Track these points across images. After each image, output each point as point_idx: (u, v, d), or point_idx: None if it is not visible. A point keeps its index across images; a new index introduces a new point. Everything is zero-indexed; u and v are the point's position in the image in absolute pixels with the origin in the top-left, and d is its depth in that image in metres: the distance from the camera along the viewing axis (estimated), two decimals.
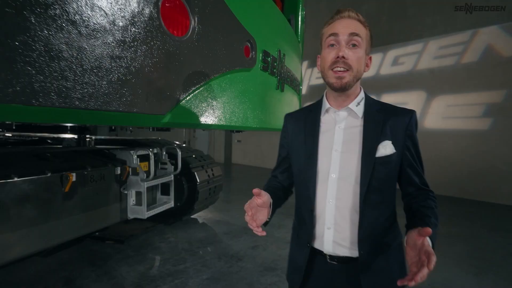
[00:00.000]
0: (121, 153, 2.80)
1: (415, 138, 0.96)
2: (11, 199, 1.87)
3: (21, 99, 0.66)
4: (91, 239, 3.46)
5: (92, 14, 0.77)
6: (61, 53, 0.72)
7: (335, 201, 0.95)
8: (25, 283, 2.55)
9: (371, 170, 0.91)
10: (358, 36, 0.90)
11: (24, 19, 0.66)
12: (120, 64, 0.84)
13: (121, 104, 0.85)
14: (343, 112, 0.98)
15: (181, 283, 2.62)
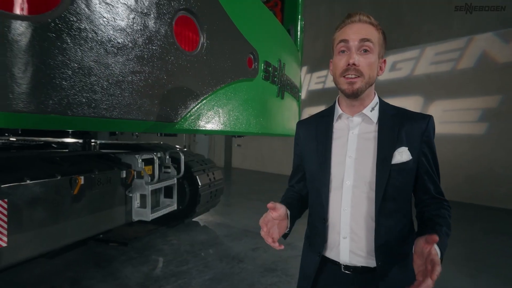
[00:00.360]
0: (126, 157, 2.90)
1: (432, 145, 0.94)
2: (24, 201, 1.97)
3: (59, 110, 0.76)
4: (95, 241, 3.54)
5: (117, 35, 0.88)
6: (90, 70, 0.83)
7: (350, 209, 0.93)
8: (32, 283, 2.63)
9: (387, 177, 0.89)
10: (369, 42, 0.88)
11: (62, 41, 0.77)
12: (140, 77, 0.95)
13: (140, 113, 0.96)
14: (357, 118, 0.95)
15: (184, 283, 2.70)
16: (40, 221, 2.06)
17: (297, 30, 2.61)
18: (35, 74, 0.74)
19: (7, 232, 1.86)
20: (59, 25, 0.77)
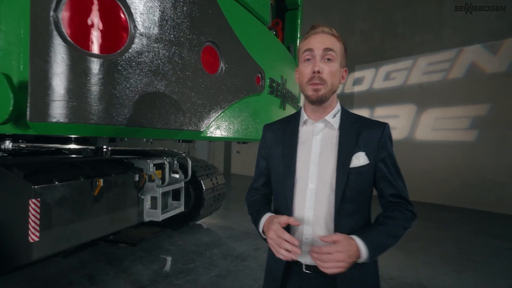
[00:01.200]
0: (138, 162, 3.15)
1: (389, 150, 1.00)
2: (53, 200, 2.21)
3: (124, 123, 1.03)
4: (105, 242, 3.77)
5: (162, 65, 1.15)
6: (144, 92, 1.10)
7: (312, 211, 0.97)
8: (52, 279, 2.85)
9: (345, 180, 0.94)
10: (332, 51, 0.95)
11: (125, 72, 1.05)
12: (176, 96, 1.22)
13: (176, 123, 1.22)
14: (320, 123, 1.01)
15: (193, 279, 2.94)
16: (66, 218, 2.31)
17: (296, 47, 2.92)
18: (107, 96, 1.01)
19: (40, 228, 2.10)
20: (122, 60, 1.05)
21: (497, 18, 6.15)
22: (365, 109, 7.97)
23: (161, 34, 1.14)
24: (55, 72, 0.94)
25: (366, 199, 1.00)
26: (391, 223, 0.94)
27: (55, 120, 0.95)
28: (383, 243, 0.92)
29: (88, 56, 0.97)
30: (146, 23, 1.08)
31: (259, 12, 1.83)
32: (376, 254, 0.91)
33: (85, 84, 0.97)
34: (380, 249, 0.92)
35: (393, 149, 1.01)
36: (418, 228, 4.88)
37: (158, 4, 1.12)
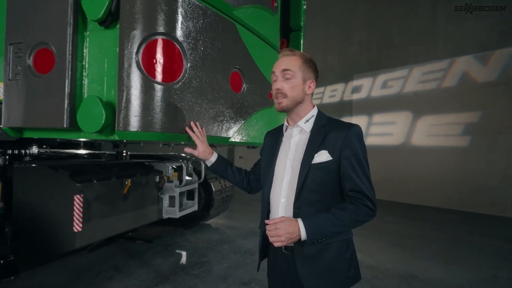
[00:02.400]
0: (158, 165, 3.55)
1: (354, 149, 1.12)
2: (92, 196, 2.60)
3: (179, 131, 1.44)
4: (124, 239, 4.14)
5: (204, 87, 1.56)
6: (193, 108, 1.51)
7: (285, 199, 1.18)
8: (82, 270, 3.22)
9: (305, 174, 1.13)
10: (289, 70, 1.15)
11: (181, 94, 1.46)
12: (213, 110, 1.63)
13: (213, 131, 1.63)
14: (296, 128, 1.23)
15: (207, 270, 3.31)
16: (102, 212, 2.69)
17: None
18: (169, 111, 1.42)
19: (82, 220, 2.48)
20: (179, 87, 1.46)
21: (487, 30, 6.61)
22: (364, 116, 8.39)
23: (204, 66, 1.56)
24: (134, 95, 1.35)
25: (329, 191, 1.15)
26: (338, 213, 1.08)
27: (134, 129, 1.35)
28: (324, 228, 1.07)
29: (156, 84, 1.38)
30: (194, 60, 1.50)
31: (271, 40, 2.26)
32: (316, 236, 1.07)
33: (154, 103, 1.38)
34: (320, 233, 1.07)
35: (360, 148, 1.13)
36: (413, 229, 5.26)
37: (201, 44, 1.54)
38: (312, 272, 1.13)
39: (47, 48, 1.44)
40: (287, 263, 1.20)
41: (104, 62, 1.43)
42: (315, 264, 1.13)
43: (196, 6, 1.52)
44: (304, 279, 1.13)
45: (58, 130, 1.47)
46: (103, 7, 1.34)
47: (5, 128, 1.55)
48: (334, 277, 1.15)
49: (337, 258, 1.15)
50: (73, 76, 1.41)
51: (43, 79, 1.44)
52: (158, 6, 1.38)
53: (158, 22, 1.38)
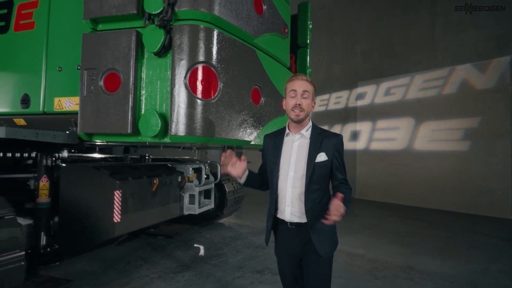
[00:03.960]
0: (180, 167, 4.00)
1: (340, 152, 1.61)
2: (128, 192, 3.05)
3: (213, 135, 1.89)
4: (146, 235, 4.58)
5: (232, 101, 2.02)
6: (224, 117, 1.96)
7: (291, 189, 1.57)
8: (113, 260, 3.66)
9: (311, 170, 1.54)
10: (308, 92, 1.57)
11: (217, 108, 1.91)
12: (239, 119, 2.08)
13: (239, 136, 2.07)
14: (297, 135, 1.62)
15: (224, 261, 3.73)
16: (136, 206, 3.15)
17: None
18: (207, 120, 1.88)
19: (121, 212, 2.93)
20: (215, 102, 1.92)
21: (483, 40, 7.01)
22: (368, 121, 8.79)
23: (232, 84, 2.02)
24: (182, 108, 1.81)
25: (325, 183, 1.62)
26: (347, 193, 1.54)
27: (182, 134, 1.81)
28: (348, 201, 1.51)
29: (199, 100, 1.84)
30: (225, 80, 1.96)
31: (282, 59, 2.72)
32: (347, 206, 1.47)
33: (197, 114, 1.83)
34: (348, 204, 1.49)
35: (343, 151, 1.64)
36: (413, 228, 5.62)
37: (231, 68, 2.00)
38: (321, 240, 1.57)
39: (115, 72, 1.90)
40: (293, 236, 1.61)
41: (157, 83, 1.90)
42: (321, 234, 1.57)
43: (227, 39, 1.98)
44: (317, 245, 1.56)
45: (122, 135, 1.92)
46: (159, 43, 1.81)
47: (80, 133, 2.01)
48: (332, 241, 1.63)
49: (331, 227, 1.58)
50: (134, 94, 1.87)
51: (111, 96, 1.91)
52: (200, 41, 1.84)
53: (200, 53, 1.84)
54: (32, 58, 2.43)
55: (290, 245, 1.64)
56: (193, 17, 1.85)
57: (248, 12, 2.12)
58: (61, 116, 2.34)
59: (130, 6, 1.87)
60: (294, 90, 1.58)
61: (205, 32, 1.85)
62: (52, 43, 2.38)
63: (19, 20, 2.51)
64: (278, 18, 2.51)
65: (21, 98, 2.45)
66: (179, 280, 3.16)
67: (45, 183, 3.24)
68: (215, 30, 1.90)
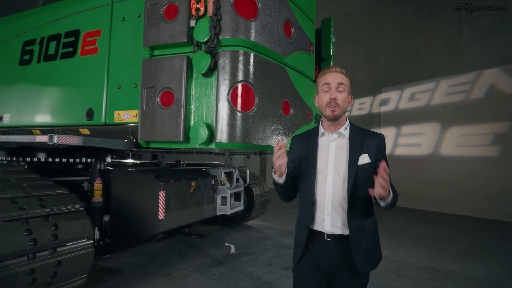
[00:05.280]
0: (213, 171, 4.39)
1: (384, 153, 1.42)
2: (171, 193, 3.46)
3: (251, 141, 2.24)
4: (181, 234, 5.00)
5: (266, 112, 2.36)
6: (259, 126, 2.31)
7: (331, 196, 1.37)
8: (155, 254, 4.09)
9: (354, 174, 1.35)
10: (343, 85, 1.39)
11: (254, 119, 2.26)
12: (271, 128, 2.42)
13: (272, 143, 2.42)
14: (335, 134, 1.43)
15: (254, 258, 4.05)
16: (176, 206, 3.55)
17: None
18: (246, 130, 2.23)
19: (164, 210, 3.34)
20: (252, 114, 2.27)
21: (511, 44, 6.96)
22: (392, 127, 8.87)
23: (266, 98, 2.37)
24: (226, 120, 2.17)
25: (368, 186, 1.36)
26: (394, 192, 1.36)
27: (226, 141, 2.17)
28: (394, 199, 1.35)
29: (239, 112, 2.20)
30: (261, 95, 2.31)
31: (308, 73, 3.05)
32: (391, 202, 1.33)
33: (237, 125, 2.19)
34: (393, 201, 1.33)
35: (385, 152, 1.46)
36: (439, 233, 5.68)
37: (265, 84, 2.35)
38: (362, 253, 1.38)
39: (169, 90, 2.31)
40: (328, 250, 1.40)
41: (204, 99, 2.28)
42: (363, 247, 1.39)
43: (262, 60, 2.34)
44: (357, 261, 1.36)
45: (175, 142, 2.32)
46: (206, 66, 2.20)
47: (140, 141, 2.43)
48: (374, 256, 1.45)
49: (373, 241, 1.44)
50: (185, 108, 2.27)
51: (166, 110, 2.31)
52: (240, 63, 2.21)
53: (240, 73, 2.21)
54: (96, 78, 2.90)
55: (323, 261, 1.42)
56: (234, 44, 2.22)
57: (279, 35, 2.47)
58: (119, 126, 2.79)
59: (182, 35, 2.27)
60: (327, 84, 1.40)
61: (244, 56, 2.22)
62: (112, 65, 2.84)
63: (84, 46, 3.00)
64: (304, 37, 2.85)
65: (86, 111, 2.93)
66: (214, 273, 3.51)
67: (99, 184, 3.72)
68: (252, 54, 2.26)
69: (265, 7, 2.32)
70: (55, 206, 2.41)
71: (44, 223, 2.26)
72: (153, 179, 3.41)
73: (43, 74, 3.22)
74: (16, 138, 2.68)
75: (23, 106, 3.36)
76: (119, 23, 2.83)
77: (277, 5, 2.44)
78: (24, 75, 3.36)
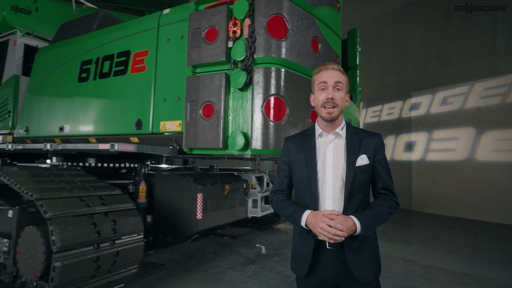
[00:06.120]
0: (244, 175, 4.70)
1: (383, 154, 1.37)
2: (207, 195, 3.80)
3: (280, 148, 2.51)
4: (214, 235, 5.34)
5: (296, 121, 2.63)
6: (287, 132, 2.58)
7: (332, 200, 1.32)
8: (191, 252, 4.45)
9: (353, 176, 1.30)
10: (340, 83, 1.33)
11: (285, 127, 2.54)
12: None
13: None
14: (331, 135, 1.38)
15: (284, 258, 4.29)
16: (212, 207, 3.88)
17: (357, 94, 4.27)
18: (278, 137, 2.51)
19: (202, 211, 3.68)
20: (283, 124, 2.55)
21: None
22: (423, 132, 8.74)
23: (296, 109, 2.63)
24: (260, 129, 2.47)
25: (367, 190, 1.37)
26: (378, 208, 1.32)
27: (260, 148, 2.46)
28: (371, 222, 1.30)
29: (272, 122, 2.48)
30: (291, 106, 2.58)
31: None
32: (367, 229, 1.28)
33: (270, 133, 2.48)
34: (369, 226, 1.29)
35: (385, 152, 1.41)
36: (474, 240, 5.59)
37: (295, 96, 2.63)
38: (360, 262, 1.32)
39: (210, 103, 2.65)
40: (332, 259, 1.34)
41: (240, 111, 2.59)
42: (361, 255, 1.33)
43: (292, 75, 2.62)
44: (354, 269, 1.31)
45: (215, 149, 2.64)
46: (242, 81, 2.51)
47: (185, 148, 2.79)
48: (374, 264, 1.38)
49: (372, 248, 1.38)
50: (224, 119, 2.59)
51: (208, 121, 2.65)
52: (272, 79, 2.50)
53: (272, 88, 2.50)
54: (144, 92, 3.32)
55: (328, 272, 1.35)
56: (267, 61, 2.52)
57: (307, 52, 2.74)
58: (164, 135, 3.17)
59: (221, 55, 2.61)
60: (324, 82, 1.35)
61: (276, 72, 2.51)
62: (158, 81, 3.25)
63: (134, 64, 3.44)
64: (330, 51, 3.09)
65: (136, 122, 3.35)
66: (247, 271, 3.79)
67: (143, 187, 4.15)
68: (283, 70, 2.55)
69: (294, 27, 2.60)
70: (113, 204, 2.81)
71: (105, 219, 2.66)
72: (192, 182, 3.77)
73: (98, 90, 3.71)
74: (82, 146, 3.15)
75: (81, 117, 3.87)
76: (164, 44, 3.24)
77: (305, 24, 2.71)
78: (82, 90, 3.87)
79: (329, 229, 1.22)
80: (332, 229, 1.22)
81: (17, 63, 4.71)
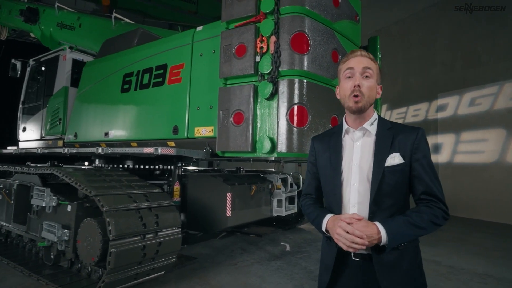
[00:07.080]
0: (270, 176, 5.03)
1: (424, 151, 1.16)
2: (236, 194, 4.16)
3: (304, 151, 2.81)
4: (241, 233, 5.70)
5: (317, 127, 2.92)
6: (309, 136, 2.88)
7: (357, 205, 1.18)
8: (221, 248, 4.82)
9: (380, 177, 1.13)
10: (370, 69, 1.18)
11: (307, 132, 2.84)
12: None
13: None
14: (358, 132, 1.23)
15: (307, 256, 4.56)
16: (240, 206, 4.24)
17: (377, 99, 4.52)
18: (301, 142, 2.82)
19: (231, 209, 4.03)
20: (306, 129, 2.86)
21: None
22: (450, 133, 8.67)
23: (318, 116, 2.93)
24: (285, 134, 2.79)
25: (402, 196, 1.18)
26: (415, 215, 1.11)
27: (285, 151, 2.78)
28: (403, 231, 1.09)
29: (295, 128, 2.80)
30: (313, 113, 2.89)
31: None
32: (396, 240, 1.08)
33: (294, 138, 2.79)
34: (400, 236, 1.09)
35: (428, 151, 1.19)
36: (502, 244, 5.56)
37: (316, 104, 2.92)
38: (393, 281, 1.13)
39: (240, 112, 3.00)
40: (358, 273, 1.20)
41: (267, 118, 2.93)
42: (395, 272, 1.13)
43: (313, 85, 2.92)
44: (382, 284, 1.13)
45: (245, 152, 2.99)
46: (269, 92, 2.84)
47: (218, 151, 3.16)
48: (412, 284, 1.18)
49: (412, 264, 1.18)
50: (253, 125, 2.94)
51: (238, 127, 3.00)
52: (296, 89, 2.82)
53: (296, 97, 2.81)
54: (180, 101, 3.74)
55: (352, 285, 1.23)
56: (291, 74, 2.84)
57: (327, 63, 3.03)
58: (199, 139, 3.56)
59: (250, 69, 2.96)
60: (350, 68, 1.22)
61: (299, 83, 2.82)
62: (193, 91, 3.65)
63: (171, 77, 3.88)
64: None
65: (173, 128, 3.78)
66: (273, 265, 4.11)
67: (177, 186, 4.58)
68: (305, 81, 2.86)
69: (315, 42, 2.91)
70: (155, 200, 3.23)
71: (149, 213, 3.08)
72: (222, 182, 4.15)
73: (139, 99, 4.19)
74: (128, 150, 3.61)
75: (124, 124, 4.37)
76: (198, 58, 3.64)
77: (326, 38, 3.01)
78: (124, 100, 4.37)
79: (346, 235, 1.09)
80: (349, 235, 1.08)
81: (66, 75, 5.33)
